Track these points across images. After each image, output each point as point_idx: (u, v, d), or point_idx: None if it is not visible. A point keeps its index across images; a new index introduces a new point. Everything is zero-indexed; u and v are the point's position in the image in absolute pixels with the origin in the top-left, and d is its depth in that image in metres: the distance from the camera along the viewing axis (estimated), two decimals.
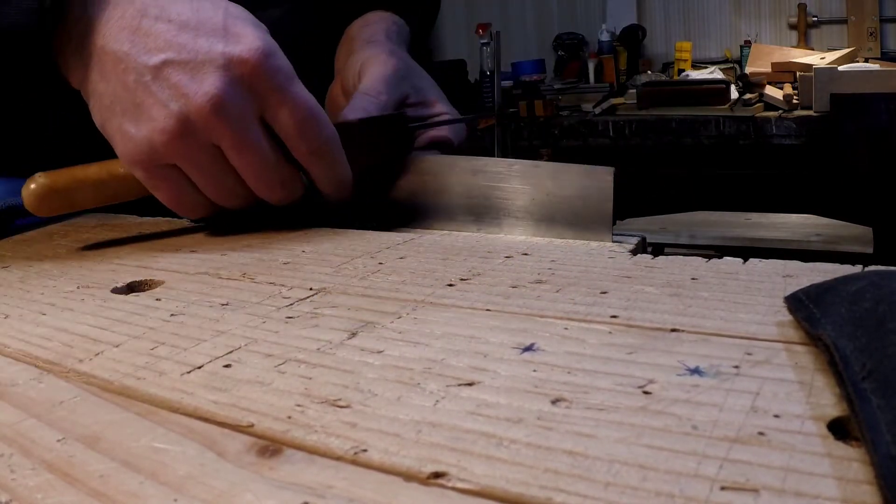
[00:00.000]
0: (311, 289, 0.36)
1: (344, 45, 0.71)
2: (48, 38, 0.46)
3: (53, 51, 0.47)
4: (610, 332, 0.27)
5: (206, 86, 0.43)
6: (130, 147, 0.45)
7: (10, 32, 0.45)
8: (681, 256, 0.36)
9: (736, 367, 0.24)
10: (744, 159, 2.06)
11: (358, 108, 0.55)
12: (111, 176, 0.48)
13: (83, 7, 0.45)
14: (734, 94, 2.14)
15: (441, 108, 0.63)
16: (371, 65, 0.61)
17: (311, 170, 0.48)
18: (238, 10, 0.46)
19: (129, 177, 0.47)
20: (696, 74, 2.41)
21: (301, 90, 0.46)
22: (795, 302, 0.26)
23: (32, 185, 0.46)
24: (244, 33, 0.45)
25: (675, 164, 2.18)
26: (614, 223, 0.44)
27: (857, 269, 0.31)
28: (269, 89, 0.45)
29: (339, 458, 0.20)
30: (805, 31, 2.53)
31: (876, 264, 0.31)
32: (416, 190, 0.52)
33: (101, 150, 0.47)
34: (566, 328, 0.28)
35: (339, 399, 0.24)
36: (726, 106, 2.07)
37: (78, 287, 0.40)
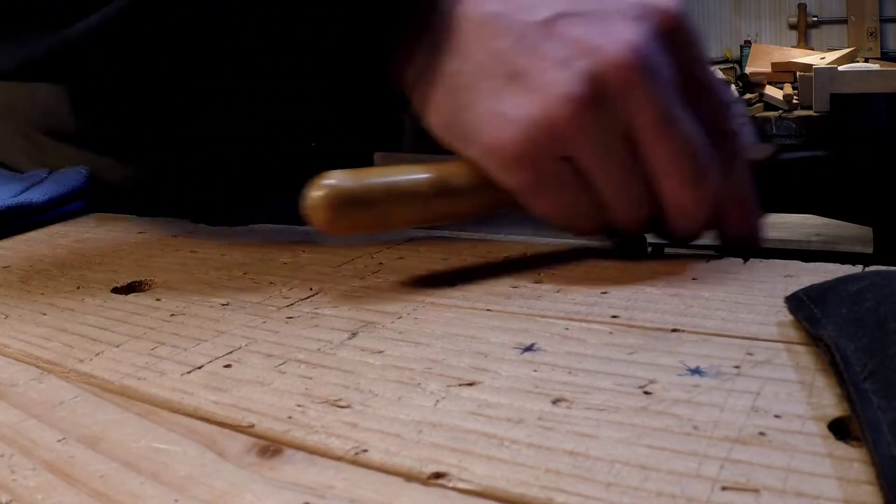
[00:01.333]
0: (311, 289, 0.36)
1: None
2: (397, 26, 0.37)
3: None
4: (611, 333, 0.27)
5: (623, 35, 0.32)
6: (514, 135, 0.32)
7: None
8: (681, 256, 0.36)
9: (737, 367, 0.24)
10: None
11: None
12: (441, 187, 0.34)
13: None
14: (734, 94, 2.14)
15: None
16: None
17: (726, 185, 0.35)
18: None
19: (465, 190, 0.35)
20: None
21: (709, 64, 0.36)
22: (796, 302, 0.26)
23: (322, 192, 0.32)
24: None
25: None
26: None
27: (858, 269, 0.31)
28: (689, 57, 0.34)
29: (339, 459, 0.20)
30: (805, 31, 2.53)
31: (876, 264, 0.31)
32: None
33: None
34: (567, 328, 0.28)
35: (340, 399, 0.24)
36: None
37: (78, 287, 0.40)
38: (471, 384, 0.24)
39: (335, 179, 0.32)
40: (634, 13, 0.32)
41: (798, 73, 2.12)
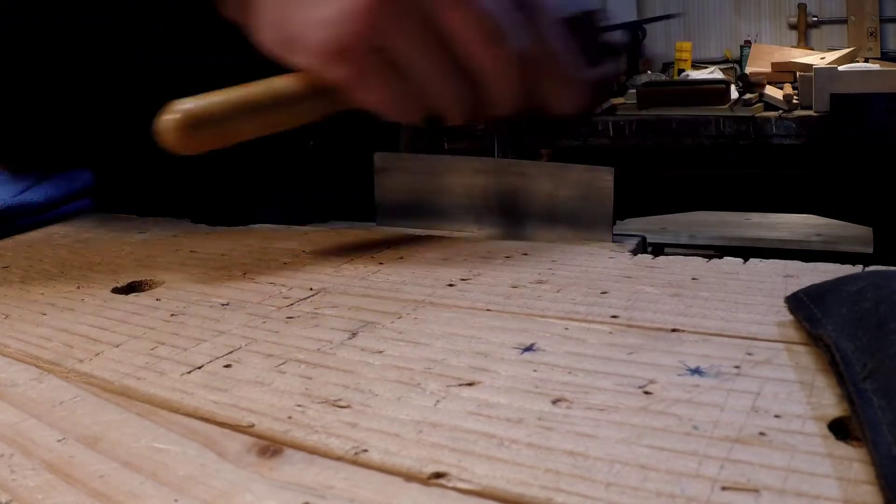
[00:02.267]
0: (311, 289, 0.36)
1: None
2: None
3: None
4: (610, 333, 0.27)
5: None
6: (328, 34, 0.36)
7: None
8: (681, 256, 0.36)
9: (737, 367, 0.24)
10: (744, 159, 2.06)
11: None
12: (274, 97, 0.38)
13: None
14: (734, 94, 2.14)
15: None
16: None
17: (538, 48, 0.38)
18: None
19: (296, 93, 0.39)
20: (696, 74, 2.41)
21: None
22: (796, 302, 0.26)
23: (174, 116, 0.36)
24: None
25: (675, 164, 2.18)
26: (614, 223, 0.44)
27: (858, 269, 0.31)
28: None
29: (339, 459, 0.20)
30: (805, 31, 2.53)
31: (876, 264, 0.31)
32: (416, 189, 0.51)
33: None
34: (567, 328, 0.28)
35: (340, 399, 0.24)
36: (726, 106, 2.07)
37: (78, 287, 0.40)
38: (471, 384, 0.24)
39: (182, 104, 0.36)
40: None
41: (798, 73, 2.11)
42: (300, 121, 0.40)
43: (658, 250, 0.38)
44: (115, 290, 0.38)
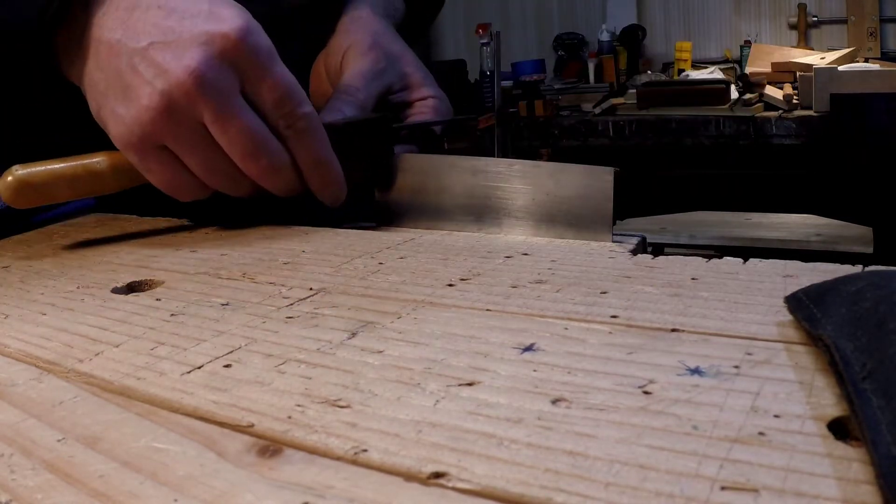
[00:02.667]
0: (311, 289, 0.36)
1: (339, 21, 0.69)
2: (51, 36, 0.48)
3: (54, 48, 0.48)
4: (610, 332, 0.27)
5: (186, 60, 0.44)
6: (122, 129, 0.46)
7: (15, 31, 0.47)
8: (681, 256, 0.36)
9: (736, 367, 0.24)
10: (744, 159, 2.06)
11: (335, 109, 0.55)
12: (87, 171, 0.48)
13: (84, 5, 0.47)
14: (734, 94, 2.14)
15: (427, 90, 0.62)
16: (352, 58, 0.61)
17: (295, 152, 0.48)
18: (227, 3, 0.47)
19: (105, 171, 0.48)
20: (696, 74, 2.41)
21: (282, 68, 0.47)
22: (796, 302, 0.26)
23: (9, 178, 0.47)
24: (227, 14, 0.46)
25: (675, 164, 2.18)
26: (614, 223, 0.44)
27: (858, 269, 0.31)
28: (250, 65, 0.45)
29: (339, 459, 0.20)
30: (805, 31, 2.53)
31: (876, 264, 0.31)
32: (416, 189, 0.52)
33: (90, 143, 0.48)
34: (566, 328, 0.28)
35: (340, 399, 0.24)
36: (726, 106, 2.07)
37: (78, 287, 0.40)
38: (470, 384, 0.24)
39: (16, 170, 0.47)
40: (202, 40, 0.44)
41: (798, 73, 2.11)
42: (108, 190, 0.50)
43: (658, 250, 0.38)
44: (115, 290, 0.39)
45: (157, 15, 0.46)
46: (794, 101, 2.03)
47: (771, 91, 2.11)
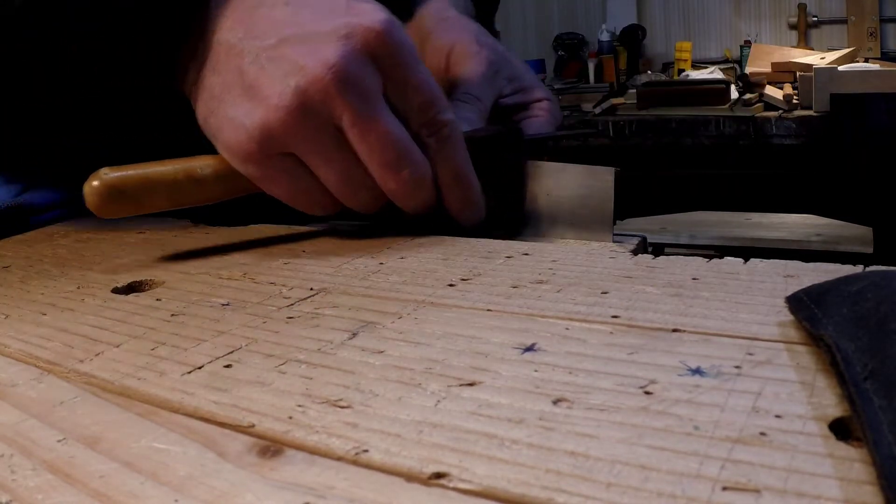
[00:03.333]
0: (311, 289, 0.36)
1: (411, 24, 0.64)
2: (177, 50, 0.44)
3: (176, 60, 0.45)
4: (611, 333, 0.27)
5: (325, 55, 0.39)
6: (240, 135, 0.41)
7: (146, 47, 0.44)
8: (681, 256, 0.36)
9: (737, 367, 0.24)
10: (744, 159, 2.06)
11: (462, 119, 0.49)
12: (188, 176, 0.43)
13: (201, 9, 0.44)
14: (734, 94, 2.14)
15: (539, 92, 0.58)
16: (462, 59, 0.56)
17: (437, 165, 0.43)
18: None
19: (209, 178, 0.43)
20: (696, 74, 2.41)
21: (424, 69, 0.43)
22: (797, 302, 0.26)
23: (96, 182, 0.41)
24: (367, 7, 0.42)
25: (675, 164, 2.18)
26: (615, 223, 0.44)
27: (859, 269, 0.31)
28: (394, 63, 0.41)
29: (340, 459, 0.20)
30: (805, 31, 2.53)
31: (876, 264, 0.31)
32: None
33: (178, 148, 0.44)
34: (567, 328, 0.28)
35: (340, 399, 0.24)
36: (726, 106, 2.07)
37: (78, 287, 0.40)
38: (471, 384, 0.24)
39: (105, 173, 0.41)
40: (341, 34, 0.40)
41: (798, 73, 2.11)
42: (212, 199, 0.44)
43: (658, 250, 0.38)
44: (115, 290, 0.38)
45: (285, 11, 0.42)
46: (794, 101, 2.03)
47: (771, 91, 2.11)
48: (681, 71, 2.53)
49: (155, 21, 0.43)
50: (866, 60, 2.23)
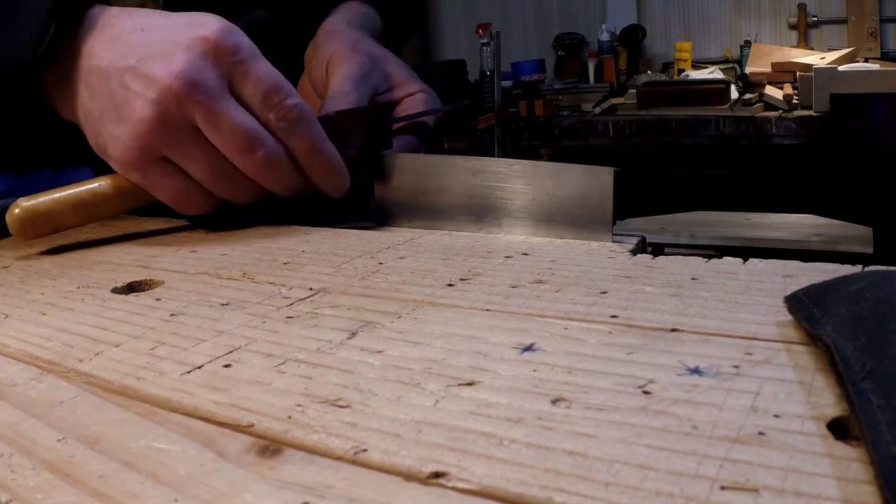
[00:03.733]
0: (311, 289, 0.36)
1: (313, 40, 0.71)
2: (40, 73, 0.49)
3: (44, 87, 0.50)
4: (610, 332, 0.27)
5: (172, 66, 0.45)
6: (121, 149, 0.46)
7: (7, 68, 0.48)
8: (681, 256, 0.36)
9: (736, 367, 0.24)
10: (744, 159, 2.06)
11: (328, 110, 0.56)
12: (91, 195, 0.49)
13: (70, 40, 0.48)
14: (734, 94, 2.14)
15: (413, 86, 0.63)
16: (336, 64, 0.62)
17: (290, 144, 0.48)
18: (204, 14, 0.49)
19: (108, 193, 0.49)
20: (696, 74, 2.41)
21: (265, 64, 0.48)
22: (795, 302, 0.26)
23: (16, 211, 0.47)
24: (204, 20, 0.47)
25: (675, 164, 2.18)
26: (614, 223, 0.44)
27: (858, 269, 0.31)
28: (233, 63, 0.46)
29: (339, 458, 0.20)
30: (805, 31, 2.53)
31: (876, 264, 0.31)
32: (416, 189, 0.52)
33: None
34: (566, 328, 0.28)
35: (340, 399, 0.24)
36: (726, 106, 2.07)
37: (78, 287, 0.40)
38: (470, 384, 0.24)
39: (22, 202, 0.48)
40: (184, 45, 0.46)
41: (798, 73, 2.11)
42: (115, 212, 0.51)
43: (658, 250, 0.38)
44: (115, 290, 0.39)
45: (140, 36, 0.47)
46: (794, 101, 2.03)
47: (771, 91, 2.11)
48: (681, 71, 2.53)
49: (22, 45, 0.48)
50: (866, 60, 2.23)
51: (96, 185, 0.49)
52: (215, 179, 0.48)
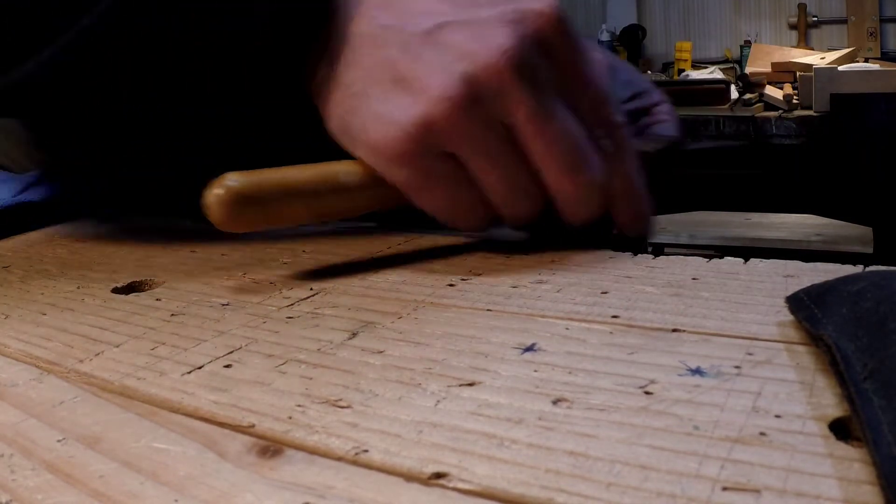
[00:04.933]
0: (311, 289, 0.36)
1: None
2: (307, 49, 0.39)
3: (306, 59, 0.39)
4: (611, 333, 0.27)
5: (497, 40, 0.34)
6: (395, 134, 0.35)
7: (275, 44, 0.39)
8: (681, 256, 0.36)
9: (737, 367, 0.24)
10: (744, 159, 2.06)
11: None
12: (329, 184, 0.36)
13: (335, 6, 0.39)
14: (734, 94, 2.14)
15: (657, 96, 0.53)
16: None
17: (612, 171, 0.38)
18: None
19: (353, 187, 0.37)
20: (696, 74, 2.41)
21: (593, 61, 0.37)
22: (796, 302, 0.26)
23: (219, 191, 0.34)
24: None
25: (674, 163, 2.18)
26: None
27: (859, 269, 0.31)
28: (567, 54, 0.36)
29: (339, 459, 0.20)
30: (805, 31, 2.53)
31: (876, 264, 0.31)
32: None
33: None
34: (567, 328, 0.28)
35: (340, 399, 0.24)
36: (726, 106, 2.07)
37: (78, 287, 0.40)
38: (471, 384, 0.24)
39: (232, 180, 0.34)
40: (509, 18, 0.35)
41: (798, 73, 2.11)
42: (356, 212, 0.38)
43: (658, 250, 0.38)
44: (115, 290, 0.38)
45: None
46: (794, 101, 2.03)
47: (771, 91, 2.11)
48: (681, 71, 2.53)
49: (284, 16, 0.38)
50: (866, 60, 2.23)
51: (340, 171, 0.37)
52: (511, 194, 0.36)
